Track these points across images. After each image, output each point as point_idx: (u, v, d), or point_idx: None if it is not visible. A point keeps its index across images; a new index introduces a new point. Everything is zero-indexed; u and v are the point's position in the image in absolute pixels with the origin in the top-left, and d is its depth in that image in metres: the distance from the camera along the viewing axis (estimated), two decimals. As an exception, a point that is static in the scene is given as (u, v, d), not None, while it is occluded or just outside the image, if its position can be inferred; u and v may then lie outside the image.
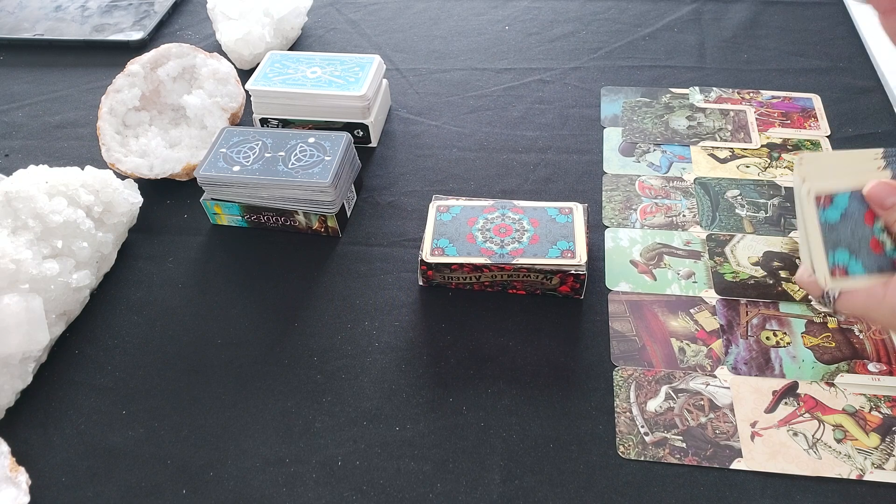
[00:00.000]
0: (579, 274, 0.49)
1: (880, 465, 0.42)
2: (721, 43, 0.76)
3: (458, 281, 0.52)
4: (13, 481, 0.41)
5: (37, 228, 0.49)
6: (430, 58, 0.77)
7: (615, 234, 0.56)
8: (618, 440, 0.44)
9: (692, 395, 0.46)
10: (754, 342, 0.48)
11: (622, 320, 0.50)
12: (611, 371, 0.47)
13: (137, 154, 0.61)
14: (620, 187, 0.60)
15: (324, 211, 0.55)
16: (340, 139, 0.57)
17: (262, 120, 0.66)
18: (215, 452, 0.44)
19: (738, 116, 0.66)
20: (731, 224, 0.56)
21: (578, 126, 0.67)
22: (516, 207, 0.53)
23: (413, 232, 0.57)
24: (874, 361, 0.47)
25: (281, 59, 0.66)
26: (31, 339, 0.46)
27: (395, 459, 0.44)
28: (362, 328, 0.51)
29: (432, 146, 0.66)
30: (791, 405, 0.45)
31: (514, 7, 0.84)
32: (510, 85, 0.72)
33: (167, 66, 0.63)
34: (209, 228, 0.59)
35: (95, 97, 0.69)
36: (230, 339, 0.51)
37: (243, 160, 0.56)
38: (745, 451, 0.43)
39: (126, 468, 0.44)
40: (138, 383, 0.48)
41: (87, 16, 0.84)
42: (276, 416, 0.46)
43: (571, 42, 0.78)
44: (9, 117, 0.72)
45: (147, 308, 0.53)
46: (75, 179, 0.52)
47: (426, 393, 0.47)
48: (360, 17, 0.84)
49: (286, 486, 0.43)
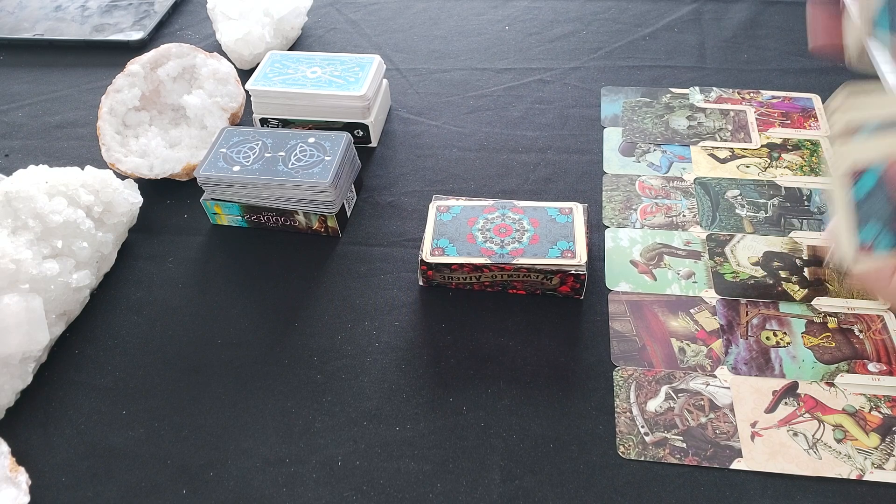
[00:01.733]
0: (579, 274, 0.49)
1: (880, 465, 0.42)
2: (721, 43, 0.76)
3: (458, 281, 0.51)
4: (13, 481, 0.41)
5: (37, 228, 0.49)
6: (430, 58, 0.77)
7: (615, 234, 0.56)
8: (618, 440, 0.44)
9: (692, 395, 0.46)
10: (754, 342, 0.48)
11: (622, 320, 0.50)
12: (611, 371, 0.47)
13: (137, 154, 0.61)
14: (620, 187, 0.60)
15: (324, 211, 0.55)
16: (340, 139, 0.57)
17: (262, 120, 0.66)
18: (215, 452, 0.44)
19: (738, 116, 0.66)
20: (731, 224, 0.56)
21: (578, 126, 0.67)
22: (516, 207, 0.53)
23: (413, 232, 0.57)
24: (874, 361, 0.47)
25: (281, 59, 0.66)
26: (31, 339, 0.46)
27: (395, 459, 0.44)
28: (362, 328, 0.51)
29: (432, 146, 0.66)
30: (791, 405, 0.45)
31: (514, 7, 0.84)
32: (510, 85, 0.72)
33: (167, 66, 0.63)
34: (209, 228, 0.59)
35: (95, 97, 0.69)
36: (230, 339, 0.51)
37: (243, 160, 0.56)
38: (746, 451, 0.43)
39: (126, 468, 0.44)
40: (138, 383, 0.48)
41: (87, 16, 0.84)
42: (276, 416, 0.46)
43: (571, 42, 0.78)
44: (9, 117, 0.72)
45: (147, 308, 0.53)
46: (75, 179, 0.52)
47: (426, 393, 0.47)
48: (360, 17, 0.84)
49: (286, 486, 0.43)
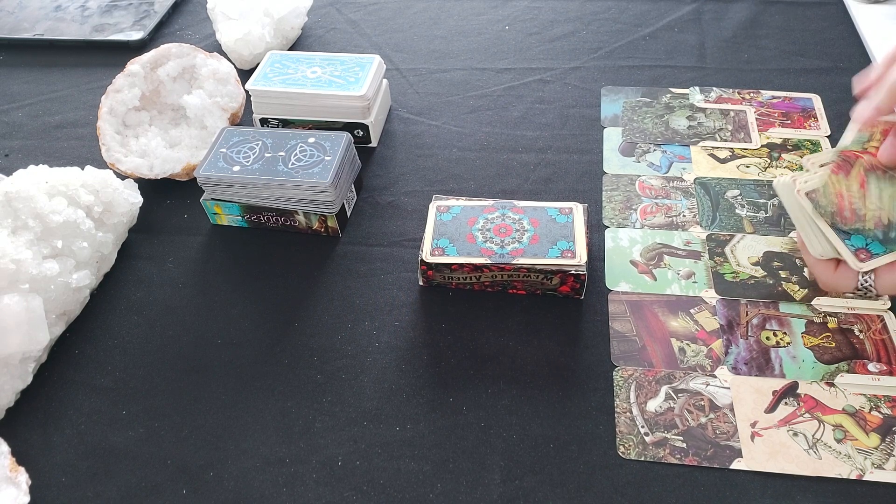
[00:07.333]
0: (579, 274, 0.49)
1: (880, 465, 0.42)
2: (721, 43, 0.76)
3: (459, 281, 0.51)
4: (13, 481, 0.41)
5: (37, 228, 0.49)
6: (430, 58, 0.77)
7: (615, 234, 0.56)
8: (618, 440, 0.44)
9: (692, 395, 0.46)
10: (754, 342, 0.48)
11: (622, 320, 0.50)
12: (611, 371, 0.47)
13: (137, 154, 0.61)
14: (620, 187, 0.60)
15: (324, 211, 0.55)
16: (340, 139, 0.57)
17: (262, 120, 0.66)
18: (215, 452, 0.44)
19: (738, 116, 0.66)
20: (731, 224, 0.56)
21: (578, 126, 0.67)
22: (516, 207, 0.53)
23: (413, 232, 0.57)
24: (874, 361, 0.47)
25: (281, 59, 0.66)
26: (31, 339, 0.46)
27: (395, 459, 0.44)
28: (362, 328, 0.51)
29: (432, 146, 0.66)
30: (791, 405, 0.45)
31: (514, 7, 0.84)
32: (510, 85, 0.72)
33: (167, 66, 0.63)
34: (209, 228, 0.59)
35: (95, 97, 0.69)
36: (230, 338, 0.51)
37: (243, 160, 0.56)
38: (746, 451, 0.43)
39: (126, 468, 0.44)
40: (138, 383, 0.48)
41: (87, 16, 0.84)
42: (276, 416, 0.46)
43: (571, 42, 0.78)
44: (9, 117, 0.72)
45: (147, 308, 0.53)
46: (75, 179, 0.52)
47: (426, 393, 0.47)
48: (360, 17, 0.84)
49: (286, 486, 0.43)
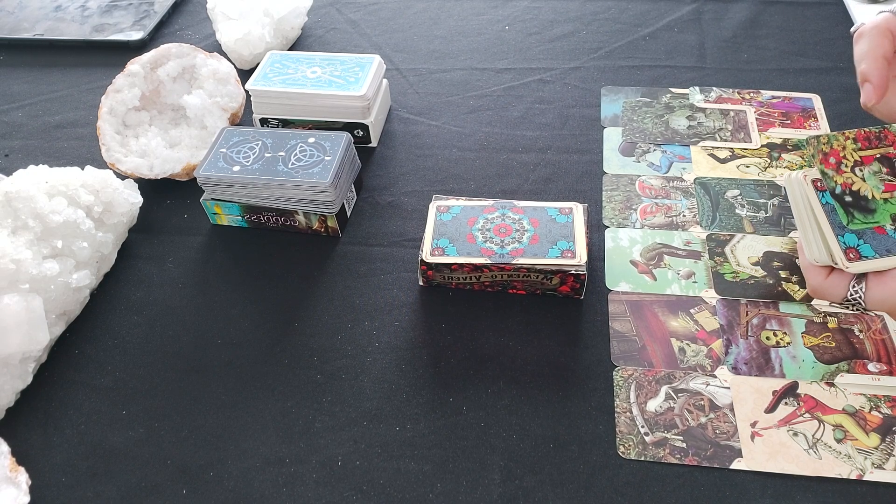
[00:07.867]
0: (579, 274, 0.49)
1: (880, 465, 0.42)
2: (721, 43, 0.76)
3: (458, 281, 0.51)
4: (13, 481, 0.41)
5: (37, 228, 0.49)
6: (430, 58, 0.77)
7: (615, 234, 0.56)
8: (618, 440, 0.44)
9: (692, 395, 0.46)
10: (754, 342, 0.48)
11: (622, 320, 0.50)
12: (611, 371, 0.47)
13: (137, 154, 0.61)
14: (620, 187, 0.60)
15: (324, 211, 0.55)
16: (340, 139, 0.57)
17: (262, 120, 0.66)
18: (215, 452, 0.44)
19: (738, 116, 0.66)
20: (731, 224, 0.56)
21: (578, 126, 0.67)
22: (516, 207, 0.53)
23: (413, 232, 0.57)
24: (874, 361, 0.47)
25: (281, 59, 0.66)
26: (31, 339, 0.46)
27: (395, 459, 0.44)
28: (362, 328, 0.51)
29: (432, 146, 0.66)
30: (791, 405, 0.45)
31: (514, 7, 0.84)
32: (510, 85, 0.72)
33: (167, 66, 0.63)
34: (209, 228, 0.59)
35: (95, 97, 0.69)
36: (230, 339, 0.51)
37: (243, 160, 0.56)
38: (745, 451, 0.43)
39: (126, 468, 0.44)
40: (138, 383, 0.48)
41: (87, 16, 0.84)
42: (276, 416, 0.46)
43: (571, 42, 0.78)
44: (9, 117, 0.72)
45: (147, 308, 0.53)
46: (75, 179, 0.52)
47: (426, 393, 0.47)
48: (360, 17, 0.84)
49: (286, 486, 0.43)
